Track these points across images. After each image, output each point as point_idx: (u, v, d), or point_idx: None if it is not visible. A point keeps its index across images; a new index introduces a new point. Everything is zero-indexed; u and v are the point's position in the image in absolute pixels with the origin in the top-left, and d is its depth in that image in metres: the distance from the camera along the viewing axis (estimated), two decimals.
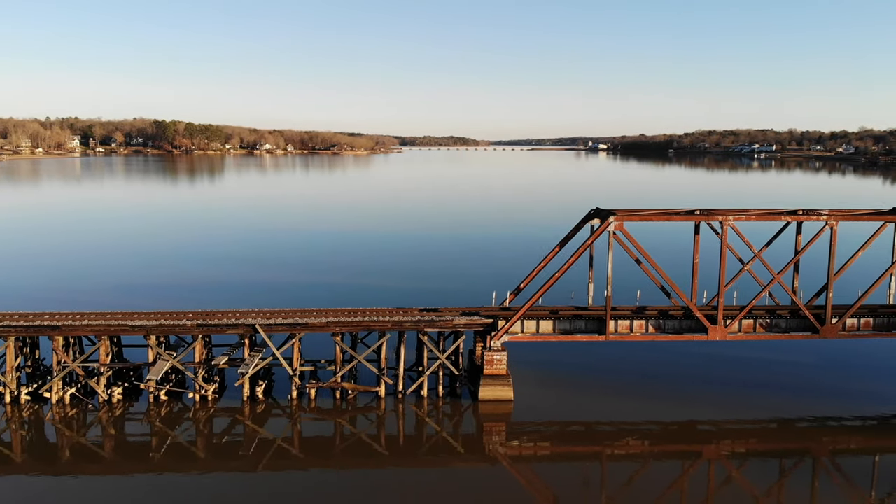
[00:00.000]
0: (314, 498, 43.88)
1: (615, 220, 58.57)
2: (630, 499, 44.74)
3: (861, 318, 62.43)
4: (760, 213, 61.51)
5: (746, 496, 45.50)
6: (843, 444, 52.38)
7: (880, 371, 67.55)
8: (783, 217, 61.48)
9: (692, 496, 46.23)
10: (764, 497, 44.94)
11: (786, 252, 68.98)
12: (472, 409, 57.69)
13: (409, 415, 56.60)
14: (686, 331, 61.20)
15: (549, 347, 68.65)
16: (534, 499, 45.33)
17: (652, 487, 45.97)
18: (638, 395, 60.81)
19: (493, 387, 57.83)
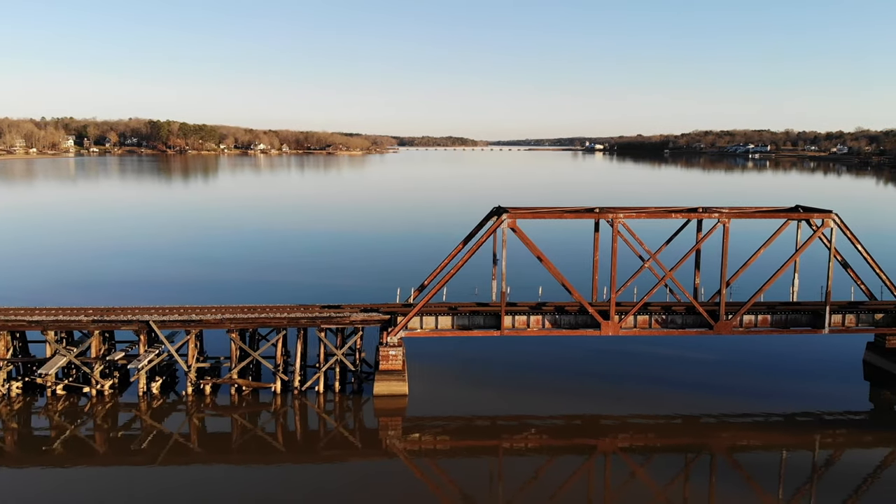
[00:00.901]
0: (212, 492, 44.43)
1: (508, 217, 59.55)
2: (527, 493, 45.11)
3: (758, 315, 63.29)
4: (652, 212, 62.40)
5: (646, 490, 46.05)
6: (743, 441, 52.84)
7: (782, 368, 68.18)
8: (676, 215, 62.39)
9: (591, 490, 46.80)
10: (662, 492, 45.47)
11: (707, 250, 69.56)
12: (368, 404, 58.49)
13: (306, 411, 57.37)
14: (581, 326, 62.12)
15: (455, 343, 69.54)
16: (431, 492, 45.67)
17: (550, 481, 46.55)
18: (539, 390, 61.46)
19: (388, 382, 58.69)
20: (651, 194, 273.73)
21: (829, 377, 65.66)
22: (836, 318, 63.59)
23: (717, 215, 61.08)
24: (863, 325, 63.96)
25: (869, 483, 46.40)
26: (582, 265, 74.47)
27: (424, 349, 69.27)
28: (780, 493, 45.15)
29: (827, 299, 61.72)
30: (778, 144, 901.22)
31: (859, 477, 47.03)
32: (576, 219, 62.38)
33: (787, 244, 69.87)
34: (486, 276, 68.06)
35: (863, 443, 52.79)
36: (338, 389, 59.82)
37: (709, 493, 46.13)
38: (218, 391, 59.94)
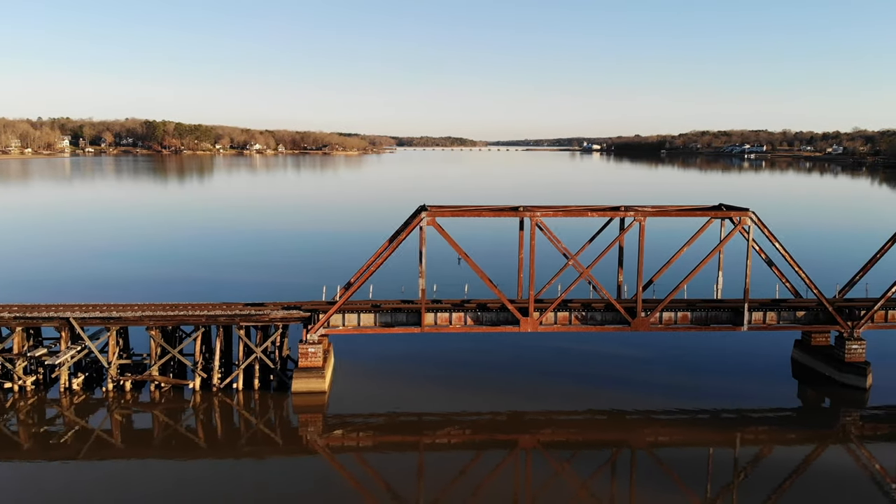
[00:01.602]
0: (132, 487, 44.88)
1: (427, 215, 60.22)
2: (451, 488, 45.48)
3: (678, 312, 63.95)
4: (571, 210, 63.06)
5: (568, 486, 46.41)
6: (666, 437, 53.39)
7: (711, 365, 68.72)
8: (593, 213, 63.05)
9: (515, 485, 47.21)
10: (583, 487, 45.93)
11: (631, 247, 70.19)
12: (287, 401, 59.08)
13: (226, 408, 57.94)
14: (502, 323, 62.79)
15: (385, 341, 70.26)
16: (353, 488, 46.00)
17: (474, 477, 47.04)
18: (463, 386, 62.09)
19: (306, 379, 59.35)
20: (634, 193, 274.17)
21: (758, 374, 66.32)
22: (756, 316, 64.22)
23: (634, 213, 61.69)
24: (784, 323, 64.58)
25: (792, 480, 46.67)
26: (512, 263, 74.84)
27: (355, 346, 69.96)
28: (703, 489, 45.43)
29: (745, 297, 62.36)
30: (774, 145, 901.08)
31: (782, 474, 47.42)
32: (497, 217, 62.84)
33: (715, 243, 70.35)
34: (416, 274, 68.64)
35: (786, 440, 53.10)
36: (257, 387, 60.39)
37: (630, 488, 46.44)
38: (142, 388, 60.58)
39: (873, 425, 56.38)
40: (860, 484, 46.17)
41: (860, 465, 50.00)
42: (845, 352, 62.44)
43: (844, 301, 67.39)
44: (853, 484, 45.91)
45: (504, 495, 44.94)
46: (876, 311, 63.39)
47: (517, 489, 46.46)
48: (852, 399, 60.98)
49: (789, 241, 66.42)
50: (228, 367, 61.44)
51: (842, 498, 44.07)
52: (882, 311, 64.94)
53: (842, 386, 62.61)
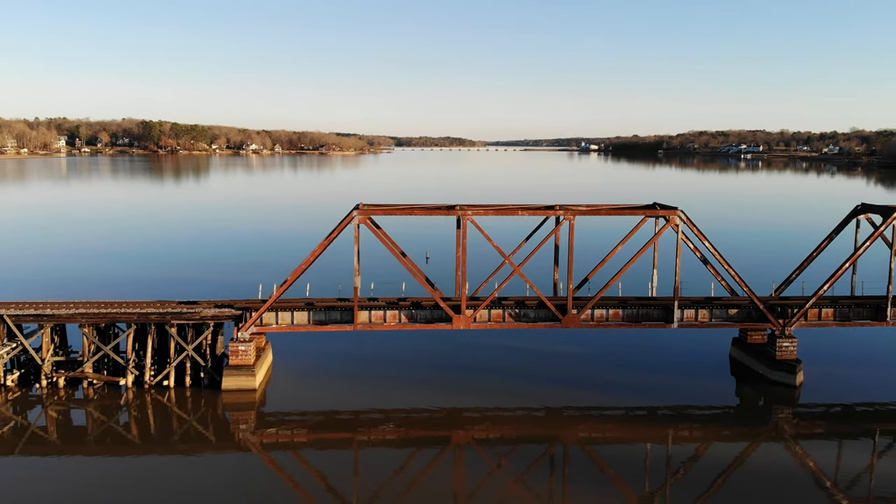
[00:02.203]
0: (69, 482, 45.30)
1: (359, 213, 60.81)
2: (386, 484, 45.77)
3: (610, 309, 64.51)
4: (503, 209, 63.65)
5: (502, 481, 46.82)
6: (602, 433, 53.81)
7: (650, 362, 69.19)
8: (523, 212, 63.66)
9: (450, 481, 47.41)
10: (516, 482, 46.23)
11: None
12: (219, 398, 59.57)
13: (158, 405, 58.38)
14: (436, 320, 63.35)
15: (323, 339, 70.91)
16: (286, 485, 46.20)
17: (409, 473, 47.31)
18: (399, 383, 62.58)
19: (236, 377, 59.89)
20: (616, 193, 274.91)
21: (696, 372, 66.74)
22: (688, 313, 64.76)
23: (564, 212, 62.27)
24: (717, 321, 65.11)
25: (725, 477, 46.89)
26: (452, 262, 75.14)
27: (295, 345, 70.57)
28: (638, 485, 45.67)
29: (675, 294, 62.90)
30: (771, 145, 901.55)
31: (715, 471, 47.74)
32: (424, 215, 63.48)
33: None
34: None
35: (721, 437, 53.45)
36: (189, 384, 60.95)
37: (564, 485, 46.75)
38: (77, 385, 61.13)
39: (805, 423, 56.72)
40: (793, 481, 46.29)
41: (793, 462, 50.16)
42: (776, 349, 62.93)
43: (779, 299, 67.92)
44: (787, 482, 46.05)
45: (439, 491, 45.18)
46: (807, 310, 63.83)
47: (453, 485, 46.70)
48: (784, 396, 61.47)
49: (750, 237, 66.88)
50: (163, 364, 61.93)
51: (775, 495, 44.28)
52: (815, 308, 65.37)
53: (773, 383, 63.11)
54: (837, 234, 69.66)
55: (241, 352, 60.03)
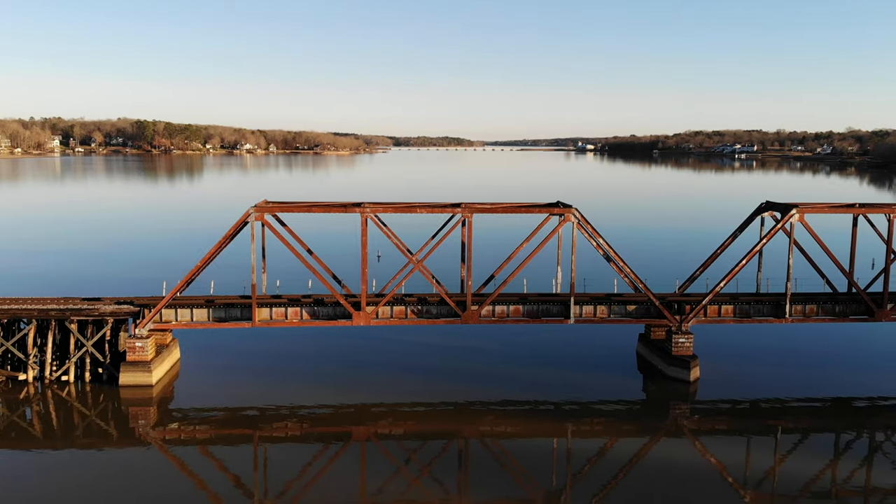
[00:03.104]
0: None
1: (255, 211, 61.47)
2: (287, 479, 46.17)
3: (510, 305, 65.18)
4: (401, 206, 64.35)
5: (404, 476, 47.11)
6: (505, 428, 54.33)
7: (559, 358, 69.90)
8: (421, 209, 64.32)
9: (351, 475, 47.53)
10: (418, 478, 46.66)
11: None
12: (117, 394, 60.10)
13: (59, 400, 58.88)
14: (339, 317, 64.02)
15: (231, 336, 71.69)
16: (188, 479, 46.49)
17: (310, 468, 47.82)
18: (303, 380, 63.20)
19: (133, 373, 60.56)
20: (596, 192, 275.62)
21: (605, 368, 67.36)
22: (587, 309, 65.41)
23: (462, 210, 62.93)
24: (615, 317, 65.75)
25: (625, 472, 47.47)
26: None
27: (204, 342, 71.33)
28: (537, 480, 46.19)
29: (571, 291, 63.55)
30: (765, 145, 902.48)
31: (615, 465, 48.46)
32: (319, 213, 64.23)
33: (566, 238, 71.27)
34: (274, 270, 70.10)
35: (622, 431, 54.05)
36: (88, 379, 61.64)
37: (465, 479, 47.12)
38: None
39: (700, 418, 57.31)
40: (689, 477, 46.70)
41: (689, 458, 50.44)
42: (672, 345, 63.59)
43: (681, 296, 68.60)
44: (684, 477, 46.50)
45: (342, 486, 45.41)
46: (704, 306, 64.47)
47: (357, 481, 46.89)
48: (679, 392, 62.08)
49: (698, 235, 67.31)
50: (64, 360, 62.58)
51: (674, 491, 44.74)
52: (715, 305, 66.00)
53: (669, 379, 63.76)
54: (741, 231, 70.34)
55: (139, 348, 60.68)
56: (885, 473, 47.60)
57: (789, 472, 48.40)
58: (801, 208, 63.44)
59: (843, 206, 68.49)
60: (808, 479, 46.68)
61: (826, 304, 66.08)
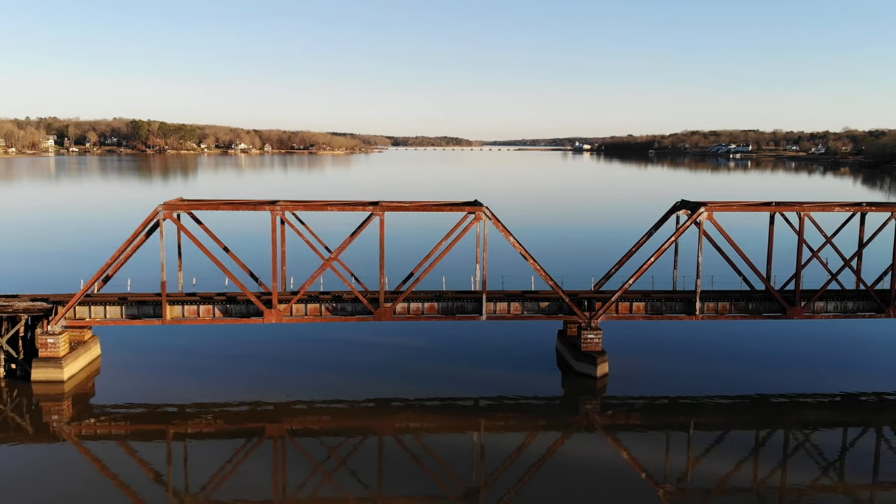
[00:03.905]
0: None
1: (164, 208, 62.00)
2: (197, 475, 46.56)
3: (425, 302, 65.77)
4: (316, 204, 65.01)
5: (317, 472, 47.28)
6: (412, 423, 54.71)
7: (477, 355, 70.41)
8: (333, 207, 64.88)
9: (265, 470, 48.05)
10: (329, 474, 46.96)
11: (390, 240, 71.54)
12: (30, 390, 60.59)
13: None
14: (252, 314, 64.56)
15: (157, 334, 72.27)
16: (102, 474, 46.77)
17: (224, 465, 47.95)
18: (221, 377, 63.50)
19: (45, 369, 61.08)
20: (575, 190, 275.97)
21: (525, 364, 67.57)
22: (501, 306, 65.96)
23: (373, 208, 63.45)
24: (528, 313, 66.26)
25: (538, 467, 47.86)
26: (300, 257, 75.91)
27: (129, 340, 71.90)
28: (453, 475, 46.51)
29: (483, 287, 64.08)
30: (760, 144, 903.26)
31: (528, 460, 48.99)
32: (244, 210, 64.84)
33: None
34: (195, 268, 70.65)
35: (536, 427, 54.50)
36: (3, 375, 62.20)
37: (382, 475, 47.34)
38: None
39: (610, 414, 57.75)
40: (602, 471, 47.09)
41: (600, 452, 50.79)
42: (581, 341, 64.12)
43: (596, 293, 69.05)
44: (597, 472, 46.87)
45: (256, 482, 45.65)
46: (614, 302, 64.97)
47: (271, 477, 47.21)
48: (588, 387, 62.59)
49: None
50: None
51: (587, 485, 45.13)
52: (626, 302, 66.52)
53: (578, 374, 64.29)
54: (656, 230, 70.81)
55: (50, 344, 61.20)
56: (801, 470, 47.90)
57: (703, 467, 48.50)
58: (710, 206, 63.94)
59: (755, 204, 68.89)
60: (722, 474, 46.76)
61: (739, 302, 66.54)
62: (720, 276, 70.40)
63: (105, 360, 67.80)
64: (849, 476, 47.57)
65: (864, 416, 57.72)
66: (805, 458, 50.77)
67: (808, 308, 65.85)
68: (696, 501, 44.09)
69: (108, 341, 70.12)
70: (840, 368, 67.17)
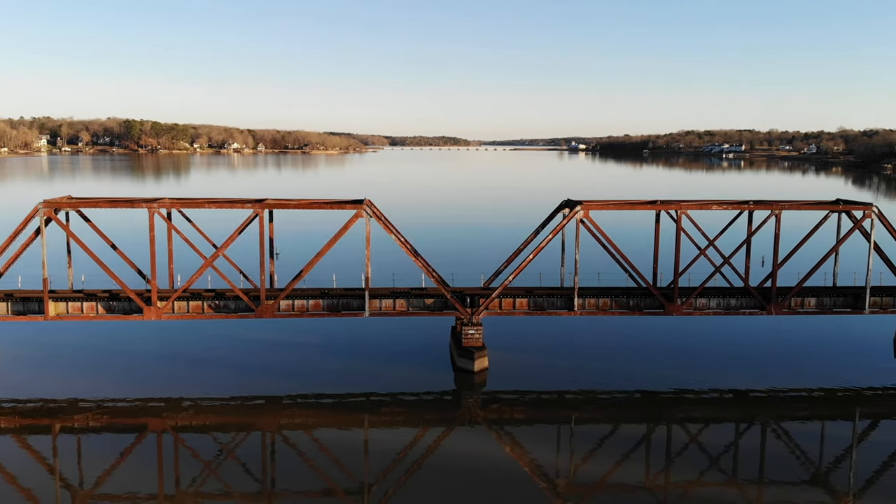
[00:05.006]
0: None
1: (43, 206, 62.46)
2: (82, 471, 47.02)
3: (310, 300, 66.48)
4: (195, 202, 65.57)
5: (203, 469, 47.52)
6: (301, 419, 55.11)
7: (371, 351, 70.87)
8: (216, 205, 65.53)
9: (151, 465, 48.42)
10: (215, 469, 47.19)
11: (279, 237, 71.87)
12: None
13: None
14: (133, 311, 65.07)
15: (52, 331, 72.87)
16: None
17: (115, 461, 48.27)
18: (98, 373, 64.03)
19: None
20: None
21: (421, 360, 68.06)
22: (386, 303, 66.50)
23: (252, 206, 63.97)
24: (414, 310, 66.77)
25: (420, 463, 48.13)
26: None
27: (20, 337, 72.35)
28: (343, 471, 46.94)
29: (366, 285, 64.59)
30: (753, 144, 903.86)
31: (414, 455, 49.30)
32: (113, 208, 65.28)
33: None
34: (79, 266, 70.93)
35: (424, 422, 55.08)
36: None
37: (265, 469, 48.12)
38: None
39: (490, 409, 58.07)
40: (483, 466, 47.41)
41: (480, 447, 51.24)
42: (462, 336, 64.61)
43: (484, 289, 69.51)
44: (478, 466, 47.25)
45: (140, 477, 45.93)
46: (494, 299, 65.46)
47: (157, 472, 47.53)
48: (468, 382, 63.02)
49: None
50: None
51: (468, 478, 45.55)
52: (510, 298, 66.96)
53: (458, 370, 64.81)
54: (543, 228, 71.23)
55: None
56: (686, 463, 48.69)
57: (584, 462, 48.75)
58: (587, 205, 64.40)
59: (636, 202, 69.41)
60: (605, 469, 47.31)
61: (620, 298, 66.96)
62: (609, 274, 70.81)
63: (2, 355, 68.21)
64: (737, 472, 47.83)
65: (750, 411, 57.84)
66: (691, 452, 50.73)
67: (689, 305, 66.25)
68: (578, 495, 44.21)
69: (3, 339, 70.54)
70: (724, 364, 67.56)
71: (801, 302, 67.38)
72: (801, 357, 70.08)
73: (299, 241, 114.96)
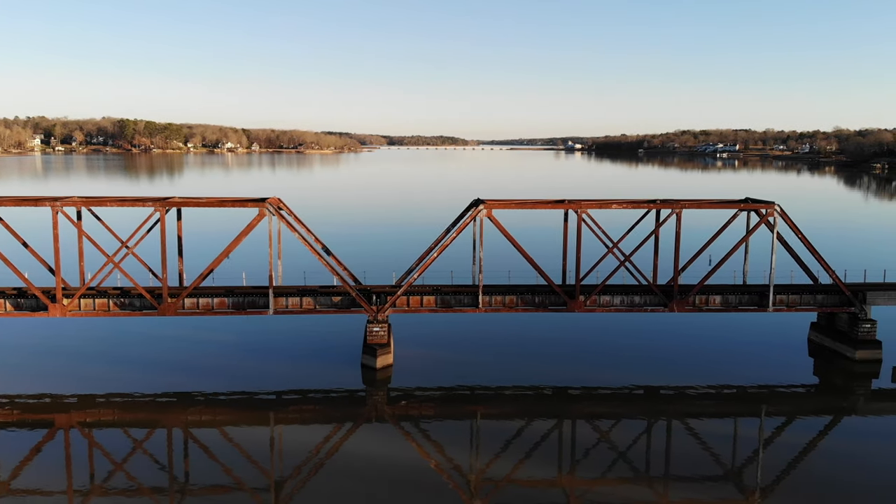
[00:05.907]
0: None
1: None
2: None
3: (215, 298, 66.60)
4: (102, 200, 65.94)
5: (105, 464, 47.91)
6: (209, 416, 55.53)
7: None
8: (110, 203, 65.79)
9: (53, 464, 48.34)
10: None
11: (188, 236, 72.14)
12: None
13: None
14: (39, 308, 65.33)
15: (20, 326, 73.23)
16: None
17: (16, 455, 48.54)
18: (10, 370, 64.57)
19: None
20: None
21: (336, 357, 68.48)
22: (293, 301, 66.86)
23: (157, 204, 64.22)
24: (321, 307, 67.08)
25: (324, 462, 48.55)
26: None
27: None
28: (255, 467, 47.26)
29: (270, 283, 64.86)
30: (748, 144, 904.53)
31: (324, 452, 49.89)
32: (20, 206, 65.68)
33: None
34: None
35: (330, 418, 55.51)
36: None
37: (172, 465, 48.05)
38: None
39: (397, 405, 58.40)
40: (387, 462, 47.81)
41: (386, 443, 51.54)
42: (368, 333, 64.92)
43: (395, 287, 69.73)
44: (382, 462, 47.69)
45: (47, 472, 46.24)
46: (400, 296, 65.79)
47: (64, 468, 47.67)
48: (370, 378, 63.33)
49: None
50: None
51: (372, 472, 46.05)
52: (418, 296, 67.23)
53: (362, 366, 65.23)
54: (454, 226, 71.40)
55: None
56: (594, 459, 49.07)
57: (489, 457, 49.02)
58: (489, 204, 64.74)
59: (540, 202, 69.74)
60: (509, 464, 47.53)
61: (525, 295, 67.24)
62: (520, 272, 71.06)
63: None
64: (647, 469, 47.84)
65: (660, 407, 58.20)
66: (601, 449, 50.96)
67: (592, 301, 66.51)
68: (485, 490, 44.36)
69: None
70: (634, 361, 67.90)
71: (706, 300, 67.57)
72: (713, 354, 70.48)
73: (211, 239, 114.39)
